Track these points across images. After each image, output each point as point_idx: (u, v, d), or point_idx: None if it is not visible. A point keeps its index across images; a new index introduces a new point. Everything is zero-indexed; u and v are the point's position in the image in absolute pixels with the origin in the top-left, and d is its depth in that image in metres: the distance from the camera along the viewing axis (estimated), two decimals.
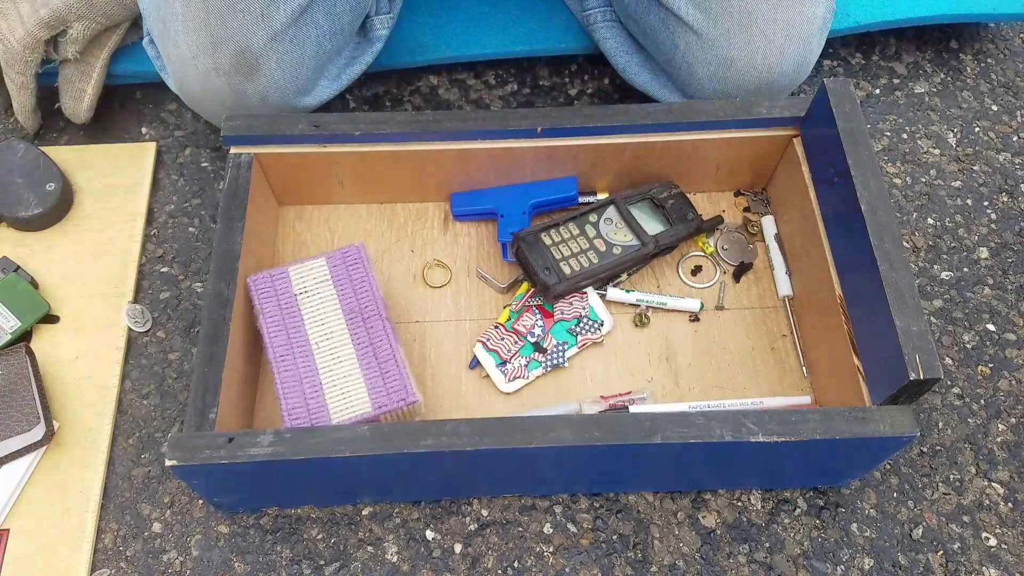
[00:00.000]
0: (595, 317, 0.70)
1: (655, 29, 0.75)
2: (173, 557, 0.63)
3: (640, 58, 0.82)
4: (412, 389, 0.61)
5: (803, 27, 0.70)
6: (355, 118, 0.68)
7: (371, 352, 0.63)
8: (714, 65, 0.72)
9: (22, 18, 0.74)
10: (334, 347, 0.63)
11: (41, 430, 0.64)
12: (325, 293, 0.65)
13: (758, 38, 0.70)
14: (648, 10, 0.75)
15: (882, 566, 0.63)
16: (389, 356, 0.62)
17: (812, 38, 0.71)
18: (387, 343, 0.63)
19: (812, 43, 0.71)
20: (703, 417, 0.54)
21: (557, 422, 0.54)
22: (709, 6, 0.70)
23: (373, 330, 0.64)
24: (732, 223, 0.76)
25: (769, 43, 0.70)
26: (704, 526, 0.64)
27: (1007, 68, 0.93)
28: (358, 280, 0.66)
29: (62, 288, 0.73)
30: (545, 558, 0.63)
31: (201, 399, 0.57)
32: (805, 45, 0.71)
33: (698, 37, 0.71)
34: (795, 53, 0.71)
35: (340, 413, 0.61)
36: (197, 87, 0.70)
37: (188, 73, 0.70)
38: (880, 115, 0.88)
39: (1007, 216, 0.82)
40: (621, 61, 0.83)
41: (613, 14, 0.82)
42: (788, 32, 0.70)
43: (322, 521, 0.64)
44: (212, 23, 0.66)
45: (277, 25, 0.67)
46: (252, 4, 0.66)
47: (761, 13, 0.69)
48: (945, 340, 0.74)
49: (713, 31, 0.71)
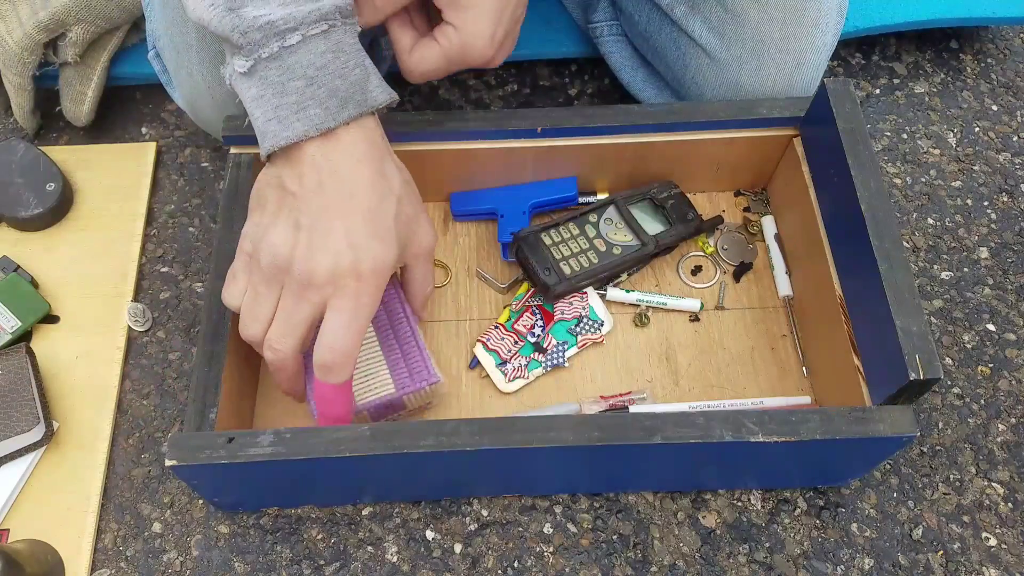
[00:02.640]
0: (595, 317, 0.70)
1: (666, 48, 0.75)
2: (173, 557, 0.63)
3: (645, 73, 0.82)
4: (434, 370, 0.61)
5: (813, 55, 0.70)
6: None
7: (391, 335, 0.63)
8: (724, 88, 0.72)
9: (20, 20, 0.74)
10: None
11: (41, 430, 0.64)
12: None
13: (769, 65, 0.70)
14: (660, 29, 0.75)
15: (882, 566, 0.63)
16: (410, 338, 0.62)
17: (820, 65, 0.72)
18: (407, 325, 0.63)
19: (820, 70, 0.72)
20: (703, 417, 0.54)
21: (557, 422, 0.54)
22: (724, 31, 0.70)
23: (393, 313, 0.63)
24: (732, 223, 0.76)
25: (779, 71, 0.70)
26: (704, 526, 0.64)
27: (1007, 68, 0.93)
28: None
29: (62, 288, 0.73)
30: (545, 558, 0.63)
31: (201, 399, 0.57)
32: (813, 72, 0.71)
33: (711, 60, 0.71)
34: (803, 80, 0.71)
35: (364, 396, 0.61)
36: (211, 112, 0.70)
37: (202, 99, 0.69)
38: (880, 115, 0.88)
39: (1007, 216, 0.82)
40: (626, 75, 0.83)
41: (619, 28, 0.82)
42: (799, 60, 0.70)
43: (322, 521, 0.64)
44: (218, 43, 0.66)
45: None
46: None
47: (774, 41, 0.69)
48: (945, 340, 0.74)
49: (726, 55, 0.71)
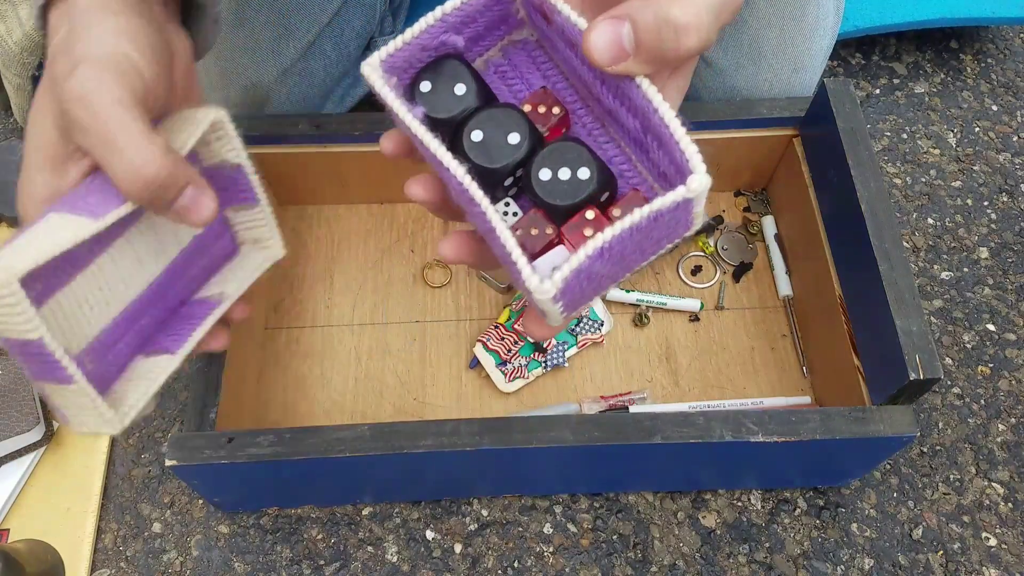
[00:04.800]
0: (595, 317, 0.70)
1: None
2: (173, 557, 0.63)
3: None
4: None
5: (809, 60, 0.70)
6: (355, 118, 0.68)
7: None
8: (720, 92, 0.73)
9: (20, 21, 0.74)
10: None
11: (41, 430, 0.64)
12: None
13: (766, 71, 0.70)
14: None
15: (882, 566, 0.63)
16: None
17: (817, 69, 0.72)
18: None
19: (817, 73, 0.72)
20: (703, 417, 0.54)
21: (557, 422, 0.54)
22: (722, 35, 0.70)
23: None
24: (732, 223, 0.76)
25: (776, 76, 0.70)
26: (704, 526, 0.64)
27: (1007, 68, 0.93)
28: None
29: None
30: (545, 558, 0.63)
31: (201, 399, 0.57)
32: (810, 77, 0.72)
33: (707, 65, 0.72)
34: (800, 84, 0.72)
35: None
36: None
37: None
38: (880, 115, 0.88)
39: (1007, 216, 0.82)
40: None
41: None
42: (796, 65, 0.70)
43: (322, 521, 0.64)
44: (222, 61, 0.67)
45: (287, 62, 0.68)
46: (262, 43, 0.67)
47: (771, 47, 0.69)
48: (945, 340, 0.74)
49: (724, 60, 0.71)
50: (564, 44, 0.33)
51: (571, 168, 0.32)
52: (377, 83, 0.32)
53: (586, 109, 0.35)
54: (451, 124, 0.33)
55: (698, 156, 0.28)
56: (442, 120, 0.34)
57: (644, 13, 0.29)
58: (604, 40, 0.29)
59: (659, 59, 0.29)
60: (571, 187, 0.32)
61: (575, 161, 0.32)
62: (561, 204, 0.32)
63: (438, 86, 0.34)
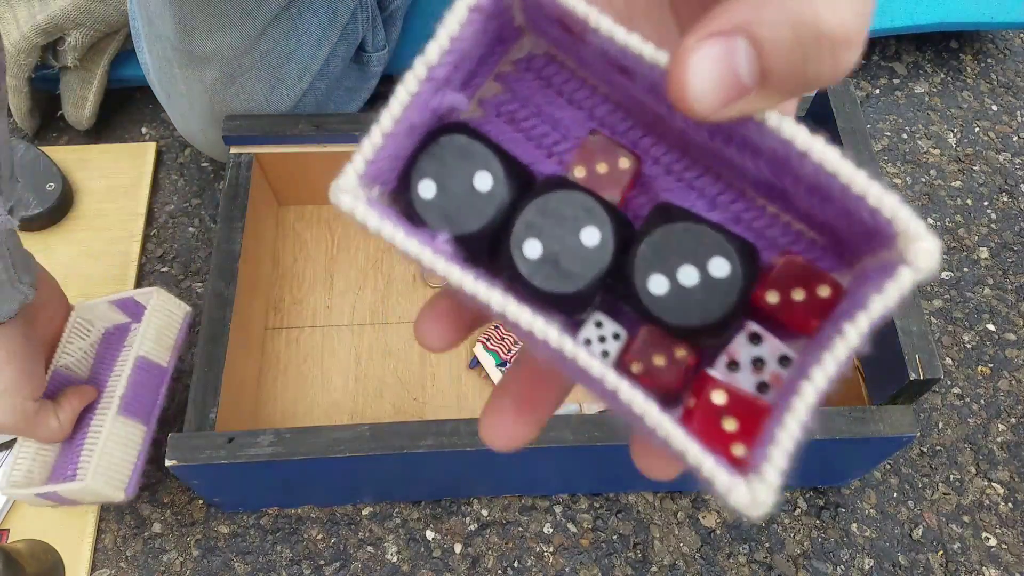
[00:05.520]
0: None
1: None
2: (173, 557, 0.62)
3: None
4: None
5: None
6: (355, 118, 0.68)
7: None
8: None
9: (18, 22, 0.74)
10: None
11: None
12: None
13: None
14: None
15: (882, 566, 0.63)
16: None
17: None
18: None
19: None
20: None
21: (557, 422, 0.54)
22: None
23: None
24: None
25: None
26: (704, 526, 0.64)
27: (1007, 68, 0.93)
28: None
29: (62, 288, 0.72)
30: (545, 558, 0.63)
31: (201, 399, 0.57)
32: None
33: None
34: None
35: None
36: (205, 147, 0.75)
37: (196, 138, 0.74)
38: (880, 115, 0.88)
39: (1007, 216, 0.82)
40: None
41: None
42: None
43: (322, 521, 0.64)
44: (216, 105, 0.68)
45: (283, 107, 0.70)
46: (255, 92, 0.68)
47: None
48: (945, 340, 0.74)
49: None
50: (609, 67, 0.21)
51: (697, 265, 0.20)
52: (370, 219, 0.19)
53: (653, 137, 0.23)
54: (480, 238, 0.21)
55: (908, 211, 0.18)
56: (467, 235, 0.21)
57: (774, 25, 0.17)
58: (710, 80, 0.18)
59: (801, 88, 0.19)
60: (706, 294, 0.20)
61: (698, 251, 0.20)
62: (701, 325, 0.20)
63: (447, 183, 0.21)
